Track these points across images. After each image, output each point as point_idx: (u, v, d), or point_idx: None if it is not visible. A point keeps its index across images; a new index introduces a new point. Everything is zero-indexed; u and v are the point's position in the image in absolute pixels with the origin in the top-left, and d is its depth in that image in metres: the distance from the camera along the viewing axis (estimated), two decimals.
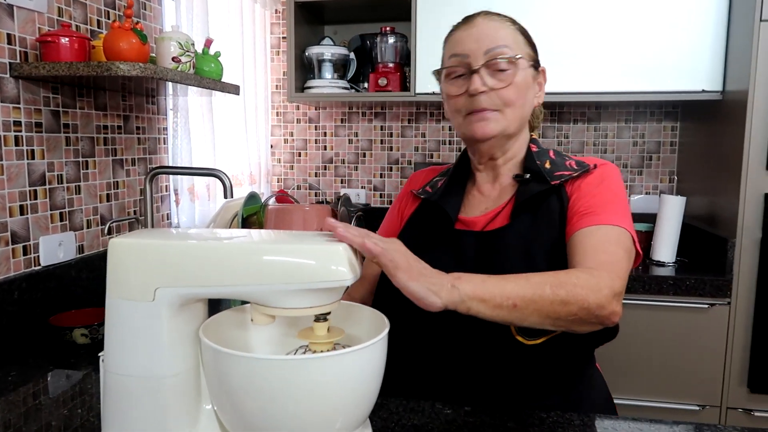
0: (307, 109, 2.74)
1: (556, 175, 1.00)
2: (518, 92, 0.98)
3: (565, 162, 1.04)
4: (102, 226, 1.63)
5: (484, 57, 0.97)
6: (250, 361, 0.64)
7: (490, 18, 1.01)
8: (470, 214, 1.05)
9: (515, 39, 1.00)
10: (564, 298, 0.79)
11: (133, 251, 0.68)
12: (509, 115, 0.99)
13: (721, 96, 2.03)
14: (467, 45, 0.98)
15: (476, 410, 0.90)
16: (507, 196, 1.04)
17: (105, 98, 1.63)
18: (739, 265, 1.86)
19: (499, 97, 0.97)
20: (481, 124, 0.98)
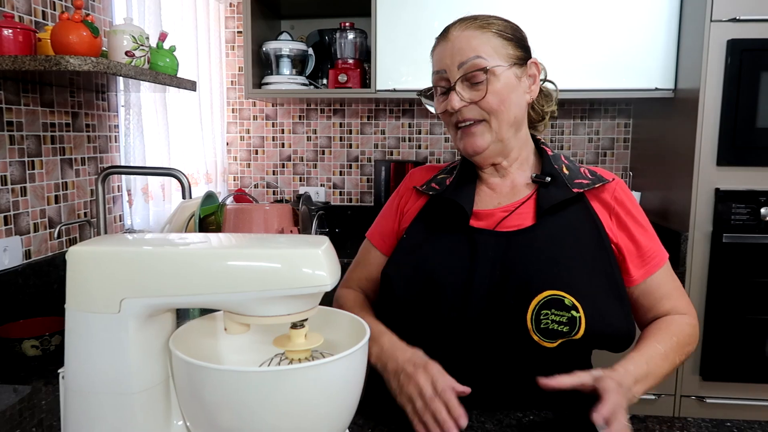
0: (263, 106, 2.68)
1: (576, 183, 1.01)
2: (499, 99, 0.97)
3: (580, 169, 1.06)
4: (51, 230, 1.54)
5: (459, 72, 0.97)
6: (225, 374, 0.61)
7: (464, 27, 0.99)
8: (484, 207, 1.04)
9: (491, 44, 0.98)
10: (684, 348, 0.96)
11: (96, 260, 0.64)
12: (495, 124, 0.98)
13: (673, 94, 2.09)
14: (444, 61, 0.99)
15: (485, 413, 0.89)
16: (522, 194, 1.04)
17: (52, 94, 1.55)
18: (691, 257, 1.92)
19: (480, 107, 0.97)
20: (470, 140, 1.00)
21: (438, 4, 2.15)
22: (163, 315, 0.68)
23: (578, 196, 1.00)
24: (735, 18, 1.83)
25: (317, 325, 0.77)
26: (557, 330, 0.90)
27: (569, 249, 0.96)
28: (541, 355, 0.93)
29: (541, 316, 0.90)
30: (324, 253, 0.65)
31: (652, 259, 0.99)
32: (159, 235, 0.74)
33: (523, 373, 0.94)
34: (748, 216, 1.87)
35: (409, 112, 2.62)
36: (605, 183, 1.02)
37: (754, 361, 1.91)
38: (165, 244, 0.66)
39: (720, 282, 1.90)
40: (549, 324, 0.90)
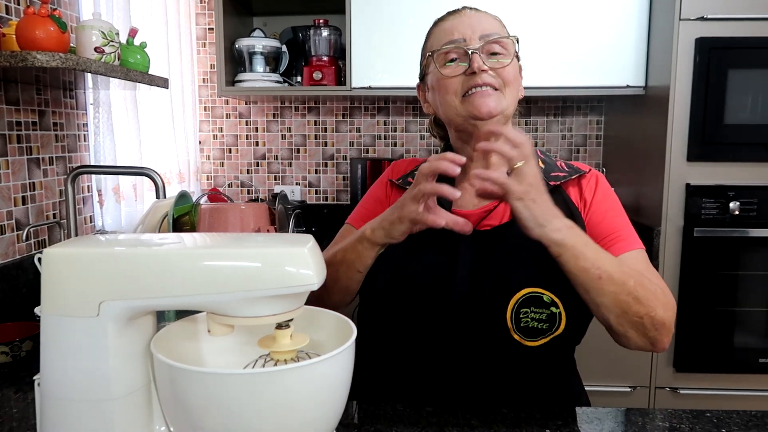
0: (236, 104, 2.64)
1: (552, 176, 1.01)
2: (515, 73, 0.99)
3: (556, 163, 1.05)
4: (18, 232, 1.49)
5: (480, 41, 0.97)
6: (209, 377, 0.60)
7: (476, 10, 1.02)
8: (463, 207, 1.03)
9: (502, 30, 1.01)
10: (639, 297, 0.84)
11: (73, 262, 0.61)
12: (508, 96, 0.98)
13: (644, 91, 2.13)
14: (461, 31, 0.98)
15: (438, 410, 0.89)
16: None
17: (17, 92, 1.49)
18: (664, 252, 1.96)
19: (500, 75, 0.96)
20: (485, 100, 0.95)
21: (413, 2, 2.15)
22: (143, 318, 0.66)
23: (554, 189, 0.99)
24: (703, 17, 1.87)
25: (302, 325, 0.76)
26: (537, 328, 0.90)
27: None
28: (524, 354, 0.92)
29: (520, 315, 0.90)
30: (310, 251, 0.64)
31: (620, 240, 0.96)
32: (135, 236, 0.72)
33: (507, 374, 0.94)
34: (717, 210, 1.91)
35: (385, 110, 2.61)
36: (581, 174, 1.02)
37: (725, 352, 1.96)
38: (145, 245, 0.64)
39: (691, 275, 1.94)
40: (529, 322, 0.90)
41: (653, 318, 0.85)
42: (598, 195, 1.01)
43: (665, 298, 0.88)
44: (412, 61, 2.21)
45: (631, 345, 0.90)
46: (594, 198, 1.00)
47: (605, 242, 0.96)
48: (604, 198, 1.00)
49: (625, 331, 0.87)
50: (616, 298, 0.84)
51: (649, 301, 0.85)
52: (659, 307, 0.85)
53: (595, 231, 0.97)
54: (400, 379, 0.99)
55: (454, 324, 0.92)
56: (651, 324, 0.85)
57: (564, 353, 1.00)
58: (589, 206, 1.00)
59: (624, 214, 1.01)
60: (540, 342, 0.92)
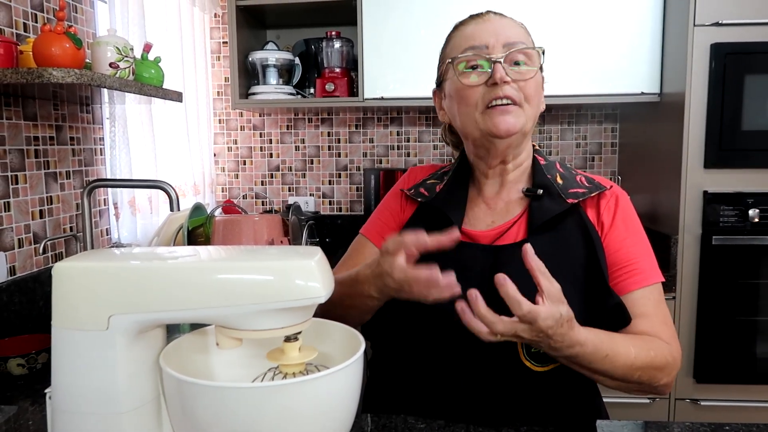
0: (251, 116, 2.67)
1: (571, 193, 0.96)
2: (536, 88, 0.94)
3: (576, 177, 1.00)
4: (36, 245, 1.51)
5: (503, 50, 0.92)
6: (218, 391, 0.59)
7: (501, 16, 0.98)
8: (476, 227, 0.99)
9: (528, 38, 0.97)
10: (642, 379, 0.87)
11: (83, 276, 0.62)
12: (528, 112, 0.93)
13: (658, 98, 2.11)
14: (484, 37, 0.93)
15: (448, 424, 0.88)
16: (516, 210, 0.99)
17: (35, 107, 1.52)
18: (682, 260, 1.93)
19: (521, 89, 0.92)
20: (504, 118, 0.91)
21: (424, 12, 2.15)
22: (152, 331, 0.66)
23: (572, 207, 0.95)
24: (717, 22, 1.85)
25: (310, 337, 0.75)
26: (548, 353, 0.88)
27: (561, 265, 0.89)
28: (534, 380, 0.90)
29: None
30: (317, 264, 0.64)
31: (636, 274, 0.93)
32: (147, 249, 0.72)
33: (517, 399, 0.91)
34: (736, 218, 1.88)
35: (397, 120, 2.62)
36: (602, 191, 0.97)
37: (746, 363, 1.92)
38: (153, 259, 0.65)
39: (710, 284, 1.91)
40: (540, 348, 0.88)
41: (655, 387, 0.89)
42: (618, 219, 0.96)
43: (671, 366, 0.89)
44: (423, 72, 2.23)
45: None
46: (613, 222, 0.96)
47: (621, 273, 0.93)
48: (623, 222, 0.96)
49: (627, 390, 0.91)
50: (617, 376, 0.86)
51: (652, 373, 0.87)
52: (663, 378, 0.88)
53: (612, 258, 0.94)
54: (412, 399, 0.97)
55: (464, 344, 0.89)
56: (650, 388, 0.90)
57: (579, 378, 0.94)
58: (607, 230, 0.96)
59: (644, 240, 0.97)
60: (550, 367, 0.89)
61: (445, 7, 2.14)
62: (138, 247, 1.72)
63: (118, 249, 0.72)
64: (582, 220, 0.95)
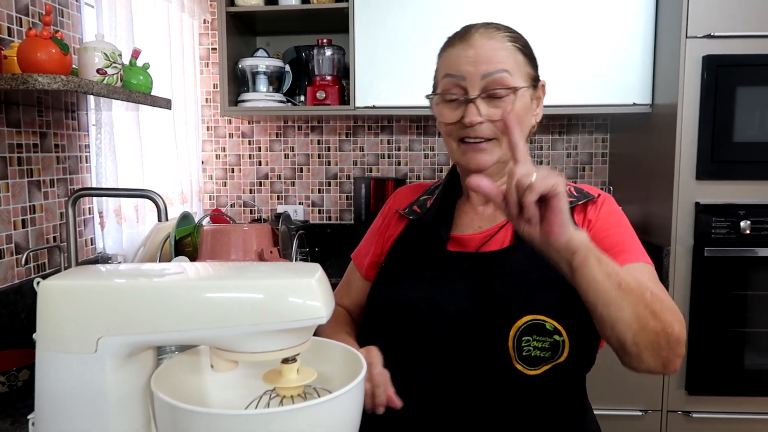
0: (239, 123, 2.63)
1: None
2: (517, 119, 0.91)
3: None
4: (18, 256, 1.46)
5: (481, 82, 0.90)
6: (214, 418, 0.56)
7: (488, 35, 0.93)
8: (463, 232, 1.00)
9: (515, 60, 0.93)
10: (656, 311, 0.78)
11: (70, 295, 0.59)
12: (505, 144, 0.93)
13: (650, 109, 2.11)
14: (463, 67, 0.92)
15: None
16: (503, 216, 0.98)
17: (18, 114, 1.48)
18: (674, 271, 1.92)
19: (497, 126, 0.91)
20: (476, 156, 0.93)
21: (416, 21, 2.14)
22: (143, 353, 0.63)
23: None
24: (710, 34, 1.86)
25: (308, 357, 0.72)
26: (540, 356, 0.86)
27: (546, 270, 0.88)
28: (526, 383, 0.88)
29: (522, 343, 0.86)
30: (318, 282, 0.61)
31: (624, 252, 0.90)
32: (136, 266, 0.69)
33: (510, 403, 0.90)
34: (728, 229, 1.88)
35: (388, 129, 2.60)
36: (590, 199, 0.97)
37: (738, 375, 1.92)
38: (145, 277, 0.61)
39: (703, 296, 1.91)
40: (531, 351, 0.86)
41: (669, 335, 0.78)
42: (603, 214, 0.96)
43: (679, 314, 0.82)
44: (416, 80, 2.21)
45: (642, 367, 0.83)
46: (598, 217, 0.96)
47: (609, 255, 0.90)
48: (608, 215, 0.96)
49: (640, 352, 0.80)
50: (635, 311, 0.77)
51: (665, 314, 0.78)
52: (675, 323, 0.79)
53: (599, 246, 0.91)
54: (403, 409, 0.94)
55: (455, 351, 0.89)
56: (667, 341, 0.78)
57: (569, 382, 0.94)
58: (593, 225, 0.95)
59: (631, 232, 0.96)
60: (542, 369, 0.88)
61: (438, 15, 2.13)
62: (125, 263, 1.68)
63: (104, 266, 0.69)
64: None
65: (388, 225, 1.09)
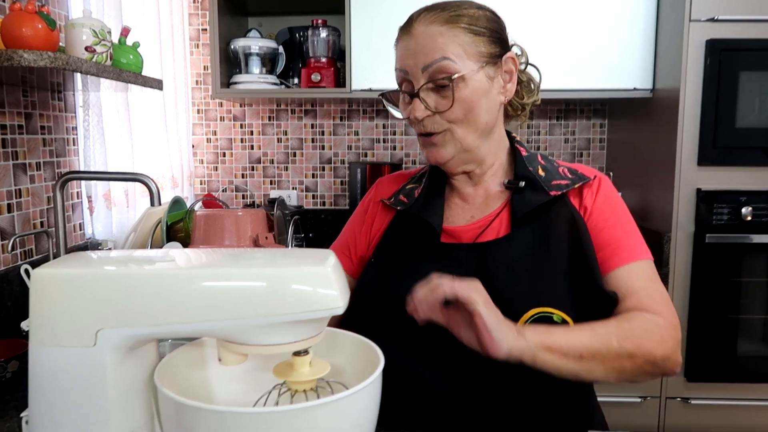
0: (231, 107, 2.57)
1: (554, 185, 0.93)
2: (465, 108, 0.87)
3: (558, 169, 0.97)
4: (4, 242, 1.40)
5: (423, 75, 0.87)
6: (225, 417, 0.52)
7: (430, 20, 0.88)
8: (455, 223, 0.96)
9: (460, 42, 0.87)
10: (630, 352, 0.78)
11: (65, 285, 0.54)
12: (460, 133, 0.89)
13: (651, 94, 2.08)
14: (406, 60, 0.89)
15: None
16: (496, 203, 0.95)
17: (2, 93, 1.41)
18: (674, 258, 1.91)
19: (444, 118, 0.88)
20: (431, 150, 0.91)
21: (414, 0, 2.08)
22: (145, 346, 0.59)
23: (556, 198, 0.91)
24: (713, 18, 1.82)
25: (319, 348, 0.69)
26: None
27: (549, 258, 0.88)
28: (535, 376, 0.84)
29: None
30: (333, 269, 0.57)
31: (621, 251, 0.88)
32: (133, 253, 0.64)
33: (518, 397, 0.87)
34: (729, 216, 1.86)
35: (383, 113, 2.54)
36: (586, 182, 0.93)
37: (737, 361, 1.91)
38: (147, 264, 0.57)
39: (703, 282, 1.89)
40: None
41: (653, 362, 0.80)
42: (599, 201, 0.93)
43: (661, 331, 0.81)
44: None
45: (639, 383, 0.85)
46: (594, 204, 0.92)
47: (605, 253, 0.89)
48: (605, 204, 0.93)
49: (629, 381, 0.83)
50: (607, 366, 0.78)
51: (643, 347, 0.79)
52: (656, 347, 0.80)
53: (596, 240, 0.90)
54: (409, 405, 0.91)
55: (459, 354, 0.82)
56: (652, 366, 0.81)
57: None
58: (590, 213, 0.92)
59: (629, 221, 0.93)
60: None
61: None
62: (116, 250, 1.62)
63: (99, 253, 0.64)
64: (567, 209, 0.92)
65: (373, 217, 1.04)
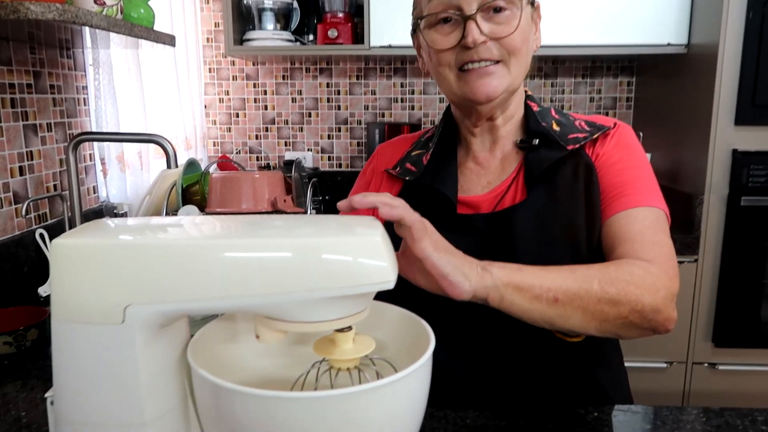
0: (243, 65, 2.48)
1: (570, 138, 0.85)
2: (523, 37, 0.81)
3: (575, 122, 0.89)
4: (17, 205, 1.36)
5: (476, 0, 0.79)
6: (265, 401, 0.48)
7: None
8: (471, 192, 0.89)
9: None
10: (614, 297, 0.69)
11: (90, 257, 0.49)
12: (514, 68, 0.82)
13: (686, 49, 1.97)
14: None
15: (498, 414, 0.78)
16: (512, 166, 0.89)
17: (9, 50, 1.34)
18: (706, 221, 1.84)
19: (503, 45, 0.80)
20: (483, 82, 0.81)
21: None
22: (176, 323, 0.54)
23: (573, 153, 0.84)
24: None
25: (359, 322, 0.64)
26: None
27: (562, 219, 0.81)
28: (570, 352, 0.82)
29: None
30: (383, 239, 0.52)
31: (623, 196, 0.80)
32: (159, 221, 0.59)
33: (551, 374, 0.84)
34: (766, 178, 1.78)
35: (401, 71, 2.45)
36: (605, 131, 0.86)
37: (766, 327, 1.86)
38: (179, 233, 0.52)
39: (735, 246, 1.83)
40: None
41: (641, 311, 0.70)
42: (611, 144, 0.85)
43: (651, 278, 0.71)
44: None
45: (627, 339, 0.76)
46: (605, 148, 0.85)
47: (609, 198, 0.81)
48: (616, 148, 0.85)
49: (614, 334, 0.73)
50: (586, 312, 0.69)
51: (629, 294, 0.69)
52: (645, 295, 0.70)
53: (601, 184, 0.83)
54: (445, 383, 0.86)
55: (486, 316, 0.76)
56: (640, 318, 0.70)
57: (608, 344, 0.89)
58: (601, 159, 0.85)
59: (641, 167, 0.84)
60: (583, 337, 0.82)
61: None
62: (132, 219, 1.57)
63: (123, 220, 0.59)
64: (584, 163, 0.84)
65: (378, 187, 0.97)
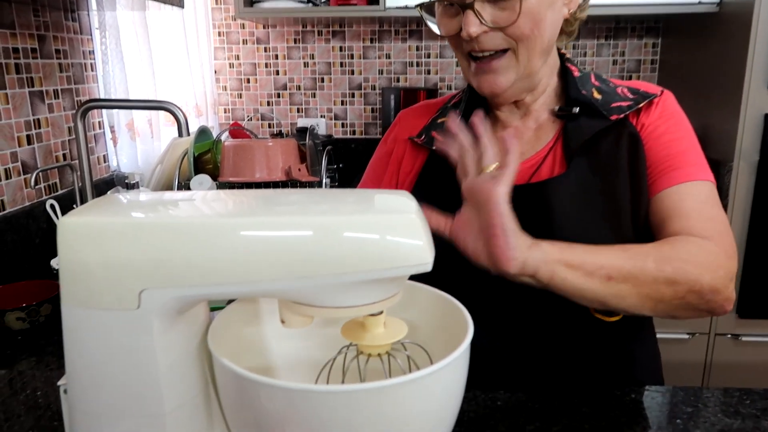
0: (253, 29, 2.40)
1: (614, 108, 0.79)
2: (533, 22, 0.73)
3: (617, 89, 0.82)
4: (26, 176, 1.32)
5: None
6: (293, 394, 0.44)
7: None
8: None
9: None
10: (670, 276, 0.65)
11: (101, 237, 0.45)
12: (524, 55, 0.75)
13: (717, 8, 1.87)
14: None
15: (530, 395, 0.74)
16: (548, 136, 0.83)
17: (12, 13, 1.29)
18: (735, 189, 1.77)
19: (507, 34, 0.74)
20: (486, 78, 0.77)
21: None
22: (195, 307, 0.50)
23: (617, 122, 0.78)
24: None
25: None
26: None
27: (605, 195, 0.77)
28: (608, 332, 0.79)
29: None
30: (419, 217, 0.47)
31: (673, 170, 0.76)
32: (173, 195, 0.54)
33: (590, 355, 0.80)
34: None
35: (417, 34, 2.36)
36: (652, 98, 0.80)
37: None
38: (196, 211, 0.47)
39: (764, 215, 1.76)
40: None
41: (699, 291, 0.66)
42: (655, 114, 0.80)
43: (710, 257, 0.68)
44: None
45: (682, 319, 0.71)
46: (650, 118, 0.80)
47: (657, 172, 0.77)
48: (661, 118, 0.80)
49: (669, 315, 0.69)
50: (640, 293, 0.65)
51: (687, 273, 0.65)
52: (704, 274, 0.66)
53: (648, 158, 0.78)
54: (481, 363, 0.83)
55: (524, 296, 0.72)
56: (698, 298, 0.66)
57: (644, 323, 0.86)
58: (647, 130, 0.79)
59: (688, 137, 0.80)
60: (620, 316, 0.78)
61: None
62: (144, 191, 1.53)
63: (134, 195, 0.55)
64: (629, 134, 0.79)
65: (400, 158, 0.92)
